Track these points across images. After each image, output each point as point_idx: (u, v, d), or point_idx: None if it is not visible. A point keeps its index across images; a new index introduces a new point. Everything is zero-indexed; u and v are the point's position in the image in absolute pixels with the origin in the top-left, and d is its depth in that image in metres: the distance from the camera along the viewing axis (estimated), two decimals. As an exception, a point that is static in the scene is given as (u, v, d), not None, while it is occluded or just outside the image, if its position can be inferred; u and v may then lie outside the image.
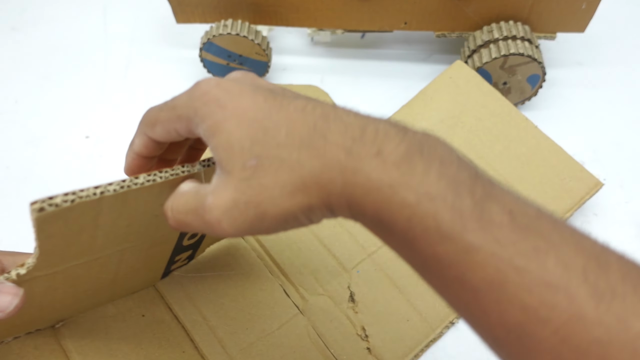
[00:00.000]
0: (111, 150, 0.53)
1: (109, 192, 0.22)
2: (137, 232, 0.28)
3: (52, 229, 0.22)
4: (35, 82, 0.60)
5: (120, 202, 0.23)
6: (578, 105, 0.55)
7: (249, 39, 0.53)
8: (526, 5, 0.50)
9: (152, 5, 0.68)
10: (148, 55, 0.63)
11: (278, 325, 0.38)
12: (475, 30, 0.53)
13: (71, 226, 0.23)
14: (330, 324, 0.38)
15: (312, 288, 0.40)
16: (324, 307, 0.39)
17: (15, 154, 0.53)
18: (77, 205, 0.21)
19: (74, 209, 0.21)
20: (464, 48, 0.53)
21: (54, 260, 0.25)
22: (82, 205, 0.22)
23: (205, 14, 0.55)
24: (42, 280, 0.26)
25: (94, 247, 0.26)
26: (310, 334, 0.38)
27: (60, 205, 0.21)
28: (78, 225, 0.23)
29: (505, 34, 0.50)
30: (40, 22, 0.67)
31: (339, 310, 0.39)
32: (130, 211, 0.25)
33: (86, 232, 0.24)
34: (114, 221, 0.25)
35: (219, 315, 0.38)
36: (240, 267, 0.40)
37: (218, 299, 0.38)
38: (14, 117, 0.56)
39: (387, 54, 0.62)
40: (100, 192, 0.22)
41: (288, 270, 0.41)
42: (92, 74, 0.61)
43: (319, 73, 0.60)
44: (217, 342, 0.37)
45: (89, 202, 0.22)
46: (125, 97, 0.58)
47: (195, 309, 0.38)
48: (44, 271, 0.25)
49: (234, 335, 0.37)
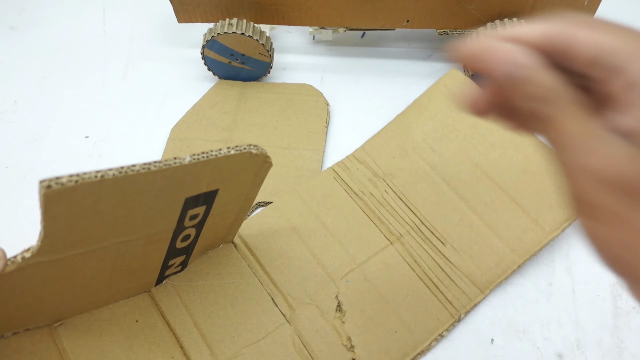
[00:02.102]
0: (111, 150, 0.53)
1: (109, 176, 0.24)
2: (133, 224, 0.29)
3: (57, 209, 0.24)
4: (35, 82, 0.60)
5: (119, 187, 0.25)
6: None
7: (254, 39, 0.52)
8: (528, 2, 0.50)
9: (151, 5, 0.68)
10: (148, 55, 0.62)
11: (264, 334, 0.38)
12: (477, 28, 0.53)
13: (73, 208, 0.25)
14: (316, 334, 0.38)
15: (300, 297, 0.40)
16: (311, 317, 0.39)
17: (15, 154, 0.53)
18: (80, 186, 0.23)
19: (77, 189, 0.24)
20: (466, 46, 0.53)
21: (56, 245, 0.26)
22: (85, 186, 0.24)
23: (206, 14, 0.55)
24: (44, 268, 0.28)
25: (93, 236, 0.28)
26: (295, 343, 0.38)
27: (66, 184, 0.23)
28: (79, 208, 0.25)
29: (507, 31, 0.50)
30: (40, 22, 0.67)
31: (326, 320, 0.39)
32: (127, 200, 0.27)
33: (86, 217, 0.26)
34: (112, 209, 0.27)
35: (208, 323, 0.39)
36: (231, 276, 0.41)
37: (208, 308, 0.39)
38: (13, 117, 0.56)
39: (387, 53, 0.62)
40: (101, 175, 0.24)
41: (277, 279, 0.41)
42: (92, 74, 0.60)
43: (319, 72, 0.60)
44: (205, 349, 0.38)
45: (90, 184, 0.24)
46: (125, 97, 0.58)
47: (186, 317, 0.39)
48: (47, 257, 0.27)
49: (221, 344, 0.38)
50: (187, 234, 0.35)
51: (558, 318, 0.40)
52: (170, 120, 0.54)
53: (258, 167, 0.34)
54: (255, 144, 0.32)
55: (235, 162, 0.31)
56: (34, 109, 0.57)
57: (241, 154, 0.31)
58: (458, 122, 0.46)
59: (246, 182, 0.35)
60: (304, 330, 0.38)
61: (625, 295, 0.41)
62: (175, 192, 0.30)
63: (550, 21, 0.19)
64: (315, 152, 0.51)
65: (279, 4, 0.53)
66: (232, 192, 0.35)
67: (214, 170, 0.30)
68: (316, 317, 0.39)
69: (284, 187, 0.48)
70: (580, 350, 0.39)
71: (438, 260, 0.42)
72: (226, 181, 0.33)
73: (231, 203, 0.36)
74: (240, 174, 0.33)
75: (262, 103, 0.55)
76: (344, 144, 0.53)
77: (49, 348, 0.35)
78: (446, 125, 0.47)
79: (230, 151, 0.30)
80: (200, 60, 0.60)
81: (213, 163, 0.29)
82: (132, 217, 0.29)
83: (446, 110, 0.47)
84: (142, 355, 0.37)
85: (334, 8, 0.53)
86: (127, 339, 0.37)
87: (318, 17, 0.54)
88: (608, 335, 0.39)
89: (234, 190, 0.35)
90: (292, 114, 0.54)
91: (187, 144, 0.52)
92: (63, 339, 0.36)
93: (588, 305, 0.41)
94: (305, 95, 0.56)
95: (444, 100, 0.48)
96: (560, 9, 0.51)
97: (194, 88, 0.58)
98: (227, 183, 0.33)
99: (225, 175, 0.32)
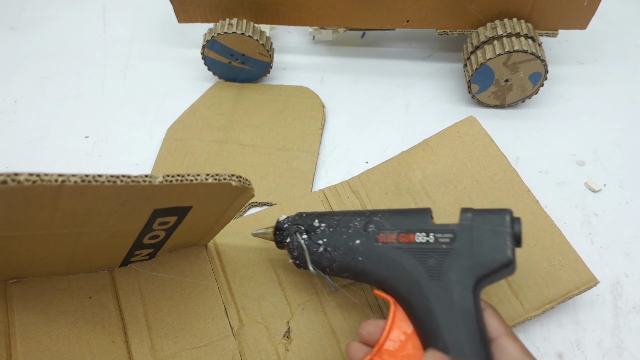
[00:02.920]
0: (111, 150, 0.53)
1: (69, 183, 0.24)
2: (95, 222, 0.29)
3: (12, 200, 0.24)
4: (35, 82, 0.60)
5: (80, 193, 0.25)
6: (578, 104, 0.55)
7: (254, 39, 0.52)
8: (528, 2, 0.50)
9: (151, 5, 0.68)
10: (148, 55, 0.62)
11: (207, 341, 0.38)
12: (477, 28, 0.53)
13: (31, 202, 0.25)
14: (257, 355, 0.37)
15: (252, 314, 0.39)
16: (257, 336, 0.38)
17: (15, 154, 0.53)
18: (38, 187, 0.23)
19: (34, 189, 0.23)
20: (467, 45, 0.53)
21: (12, 226, 0.27)
22: (42, 187, 0.24)
23: (206, 14, 0.55)
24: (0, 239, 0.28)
25: (52, 224, 0.28)
26: (234, 358, 0.37)
27: (22, 182, 0.23)
28: (38, 203, 0.25)
29: (509, 30, 0.50)
30: (40, 22, 0.67)
31: (271, 343, 0.38)
32: (89, 203, 0.27)
33: (45, 210, 0.26)
34: (73, 207, 0.27)
35: (157, 317, 0.38)
36: (193, 275, 0.40)
37: (162, 301, 0.39)
38: (13, 117, 0.56)
39: (387, 53, 0.62)
40: (62, 180, 0.24)
41: (236, 290, 0.40)
42: (92, 74, 0.60)
43: (319, 72, 0.60)
44: (147, 342, 0.37)
45: (49, 187, 0.24)
46: (125, 97, 0.58)
47: (139, 305, 0.39)
48: (2, 232, 0.27)
49: (164, 340, 0.38)
50: (156, 235, 0.35)
51: (558, 318, 0.40)
52: (170, 120, 0.54)
53: (237, 195, 0.33)
54: (238, 175, 0.31)
55: (212, 189, 0.30)
56: (34, 109, 0.57)
57: (220, 183, 0.29)
58: (461, 172, 0.44)
59: (223, 205, 0.34)
60: (247, 348, 0.38)
61: (625, 295, 0.41)
62: (143, 204, 0.29)
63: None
64: (310, 153, 0.51)
65: (279, 4, 0.53)
66: (207, 210, 0.34)
67: (187, 192, 0.29)
68: (262, 338, 0.38)
69: (277, 187, 0.48)
70: (580, 350, 0.39)
71: None
72: (201, 202, 0.32)
73: (206, 218, 0.35)
74: (218, 198, 0.33)
75: (258, 104, 0.55)
76: (343, 144, 0.53)
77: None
78: (448, 173, 0.44)
79: (209, 179, 0.29)
80: (200, 60, 0.60)
81: (187, 187, 0.28)
82: (95, 216, 0.28)
83: (452, 157, 0.44)
84: (85, 332, 0.37)
85: (334, 8, 0.53)
86: (75, 313, 0.37)
87: (318, 17, 0.54)
88: (608, 335, 0.39)
89: (209, 209, 0.34)
90: (287, 116, 0.54)
91: (183, 143, 0.52)
92: (14, 298, 0.36)
93: (588, 305, 0.41)
94: (302, 97, 0.56)
95: (451, 147, 0.45)
96: (560, 8, 0.51)
97: (194, 88, 0.58)
98: (201, 203, 0.32)
99: (200, 197, 0.31)
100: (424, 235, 0.32)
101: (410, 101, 0.56)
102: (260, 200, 0.47)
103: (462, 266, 0.31)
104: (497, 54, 0.49)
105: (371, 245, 0.34)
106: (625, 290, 0.42)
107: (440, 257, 0.31)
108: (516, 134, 0.53)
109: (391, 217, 0.35)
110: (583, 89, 0.57)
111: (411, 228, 0.33)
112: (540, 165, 0.50)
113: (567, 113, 0.54)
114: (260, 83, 0.58)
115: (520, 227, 0.31)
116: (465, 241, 0.31)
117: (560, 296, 0.38)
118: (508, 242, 0.30)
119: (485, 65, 0.50)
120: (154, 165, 0.50)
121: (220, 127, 0.53)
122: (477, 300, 0.30)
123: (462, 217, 0.32)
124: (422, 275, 0.31)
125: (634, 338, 0.39)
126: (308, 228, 0.37)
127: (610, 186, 0.48)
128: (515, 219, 0.31)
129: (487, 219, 0.31)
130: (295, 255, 0.37)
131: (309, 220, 0.37)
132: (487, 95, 0.54)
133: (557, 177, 0.49)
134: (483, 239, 0.31)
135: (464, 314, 0.29)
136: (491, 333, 0.30)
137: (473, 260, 0.30)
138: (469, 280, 0.30)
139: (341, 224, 0.36)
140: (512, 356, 0.29)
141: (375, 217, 0.35)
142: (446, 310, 0.30)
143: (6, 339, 0.35)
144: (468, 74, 0.52)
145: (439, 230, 0.32)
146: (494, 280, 0.31)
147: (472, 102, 0.55)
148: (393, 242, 0.33)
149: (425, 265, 0.31)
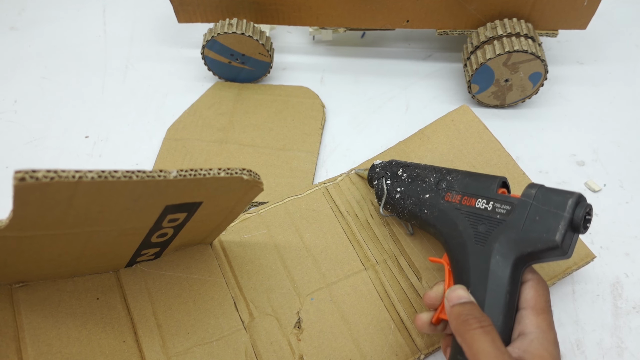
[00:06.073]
0: (111, 150, 0.53)
1: (87, 179, 0.24)
2: (107, 220, 0.29)
3: (29, 198, 0.24)
4: (35, 82, 0.60)
5: (96, 189, 0.25)
6: (578, 104, 0.55)
7: (254, 39, 0.52)
8: (528, 2, 0.50)
9: (151, 5, 0.68)
10: (148, 55, 0.62)
11: (219, 336, 0.38)
12: (477, 28, 0.53)
13: (47, 200, 0.24)
14: (270, 346, 0.37)
15: (262, 306, 0.39)
16: (269, 328, 0.38)
17: (15, 154, 0.53)
18: (56, 183, 0.23)
19: (52, 185, 0.23)
20: (467, 45, 0.53)
21: (25, 225, 0.27)
22: (60, 184, 0.23)
23: (206, 14, 0.55)
24: (11, 241, 0.28)
25: (65, 223, 0.28)
26: (247, 351, 0.37)
27: (40, 179, 0.23)
28: (53, 200, 0.25)
29: (509, 30, 0.50)
30: (40, 22, 0.67)
31: (282, 334, 0.38)
32: (103, 200, 0.27)
33: (60, 208, 0.26)
34: (87, 205, 0.26)
35: (167, 315, 0.38)
36: (200, 272, 0.41)
37: (170, 299, 0.39)
38: (13, 117, 0.56)
39: (387, 53, 0.62)
40: (79, 176, 0.24)
41: (244, 285, 0.40)
42: (91, 74, 0.60)
43: (319, 72, 0.60)
44: (158, 340, 0.37)
45: (66, 183, 0.23)
46: (125, 97, 0.58)
47: (147, 304, 0.39)
48: (15, 233, 0.27)
49: (175, 337, 0.38)
50: (164, 233, 0.35)
51: (558, 318, 0.40)
52: (171, 120, 0.54)
53: (247, 189, 0.33)
54: (249, 169, 0.31)
55: (223, 183, 0.31)
56: (34, 109, 0.57)
57: (231, 177, 0.30)
58: (458, 159, 0.45)
59: (232, 200, 0.34)
60: (259, 340, 0.38)
61: (625, 295, 0.41)
62: (156, 199, 0.29)
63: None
64: (310, 153, 0.51)
65: (279, 4, 0.53)
66: (217, 206, 0.34)
67: (199, 187, 0.30)
68: (274, 329, 0.38)
69: (277, 187, 0.48)
70: (580, 350, 0.39)
71: (410, 295, 0.40)
72: (212, 197, 0.32)
73: (215, 214, 0.36)
74: (228, 193, 0.33)
75: (258, 104, 0.55)
76: (343, 143, 0.53)
77: (4, 308, 0.35)
78: (445, 160, 0.45)
79: (221, 173, 0.29)
80: (200, 60, 0.60)
81: (200, 181, 0.29)
82: (107, 214, 0.28)
83: (448, 145, 0.45)
84: (95, 333, 0.36)
85: (334, 8, 0.53)
86: (83, 315, 0.37)
87: (318, 17, 0.54)
88: (608, 335, 0.39)
89: (219, 205, 0.34)
90: (287, 116, 0.54)
91: (183, 143, 0.52)
92: (21, 302, 0.36)
93: (588, 305, 0.41)
94: (302, 97, 0.56)
95: (447, 134, 0.46)
96: (560, 8, 0.51)
97: (194, 88, 0.58)
98: (212, 198, 0.32)
99: (211, 192, 0.31)
100: (484, 202, 0.34)
101: (410, 101, 0.56)
102: (260, 200, 0.47)
103: (508, 239, 0.32)
104: (497, 54, 0.49)
105: (437, 202, 0.37)
106: (625, 290, 0.42)
107: (492, 226, 0.33)
108: (516, 134, 0.53)
109: (462, 179, 0.37)
110: (583, 89, 0.57)
111: (475, 193, 0.35)
112: (540, 165, 0.50)
113: (567, 113, 0.54)
114: (260, 83, 0.58)
115: (583, 214, 0.30)
116: (519, 216, 0.32)
117: (560, 272, 0.39)
118: (561, 225, 0.30)
119: (485, 65, 0.50)
120: (154, 165, 0.50)
121: (220, 127, 0.53)
122: (515, 273, 0.31)
123: (524, 192, 0.33)
124: (470, 239, 0.34)
125: (634, 338, 0.39)
126: (393, 175, 0.41)
127: (610, 186, 0.48)
128: (581, 204, 0.31)
129: (550, 199, 0.31)
130: (378, 195, 0.42)
131: (395, 168, 0.41)
132: (487, 95, 0.54)
133: (557, 177, 0.49)
134: (537, 217, 0.31)
135: (496, 280, 0.31)
136: (522, 303, 0.31)
137: (520, 236, 0.31)
138: (510, 253, 0.32)
139: (419, 177, 0.39)
140: (526, 327, 0.30)
141: (449, 177, 0.38)
142: (478, 273, 0.32)
143: (16, 343, 0.35)
144: (468, 74, 0.52)
145: (499, 201, 0.34)
146: (542, 260, 0.32)
147: (472, 102, 0.55)
148: (456, 202, 0.36)
149: (475, 230, 0.34)
